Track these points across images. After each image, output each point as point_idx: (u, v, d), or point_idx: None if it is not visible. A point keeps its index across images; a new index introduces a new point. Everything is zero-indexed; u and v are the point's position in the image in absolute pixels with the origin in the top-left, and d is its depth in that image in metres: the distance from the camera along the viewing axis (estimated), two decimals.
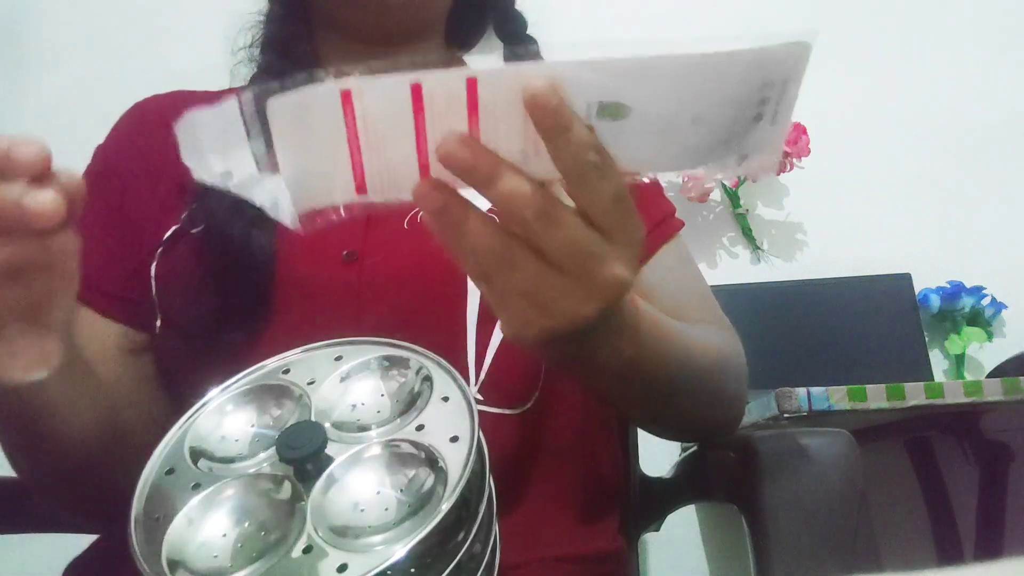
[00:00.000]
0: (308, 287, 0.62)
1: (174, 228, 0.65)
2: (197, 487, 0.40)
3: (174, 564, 0.36)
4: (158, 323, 0.64)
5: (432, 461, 0.38)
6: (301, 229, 0.36)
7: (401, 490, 0.37)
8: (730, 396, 0.66)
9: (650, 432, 0.69)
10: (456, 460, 0.37)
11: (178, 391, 0.63)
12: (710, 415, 0.65)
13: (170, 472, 0.41)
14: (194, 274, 0.62)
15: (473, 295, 0.61)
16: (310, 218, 0.36)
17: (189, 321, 0.62)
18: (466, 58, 0.88)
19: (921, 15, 1.87)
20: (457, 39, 0.85)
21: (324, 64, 0.78)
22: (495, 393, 0.59)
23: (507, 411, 0.60)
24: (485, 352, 0.60)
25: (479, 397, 0.59)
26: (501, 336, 0.61)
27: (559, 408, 0.64)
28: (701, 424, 0.66)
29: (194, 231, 0.64)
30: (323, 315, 0.61)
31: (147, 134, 0.72)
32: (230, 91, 0.79)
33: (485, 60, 0.89)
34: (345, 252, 0.63)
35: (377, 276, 0.62)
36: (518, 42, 0.86)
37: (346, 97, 0.31)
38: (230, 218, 0.62)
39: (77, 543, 0.66)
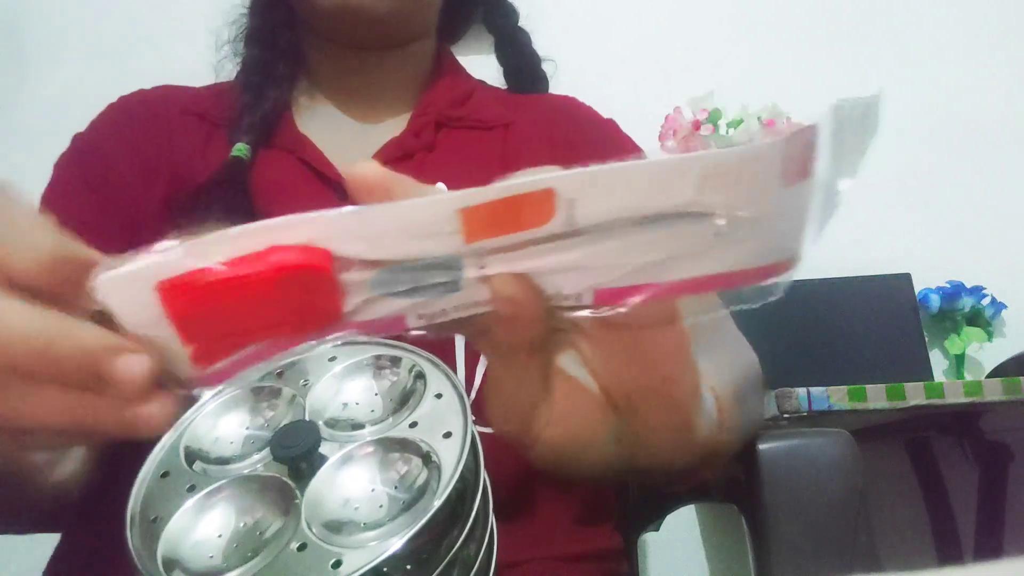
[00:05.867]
0: None
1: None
2: (192, 488, 0.39)
3: (170, 564, 0.36)
4: None
5: (425, 457, 0.38)
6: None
7: (395, 487, 0.37)
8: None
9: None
10: (449, 455, 0.37)
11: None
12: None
13: (165, 475, 0.41)
14: None
15: None
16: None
17: None
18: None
19: (921, 14, 1.87)
20: (447, 34, 0.84)
21: (310, 62, 0.76)
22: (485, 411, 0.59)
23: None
24: (474, 374, 0.59)
25: (473, 418, 0.58)
26: None
27: None
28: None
29: None
30: None
31: (136, 125, 0.71)
32: (215, 86, 0.78)
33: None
34: None
35: None
36: (509, 35, 0.85)
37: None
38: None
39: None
